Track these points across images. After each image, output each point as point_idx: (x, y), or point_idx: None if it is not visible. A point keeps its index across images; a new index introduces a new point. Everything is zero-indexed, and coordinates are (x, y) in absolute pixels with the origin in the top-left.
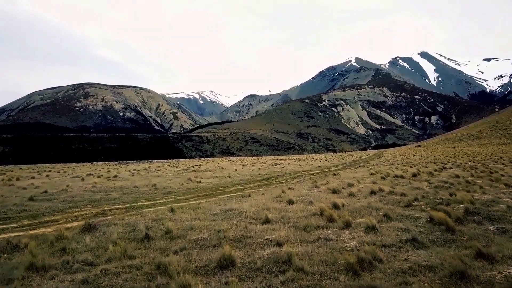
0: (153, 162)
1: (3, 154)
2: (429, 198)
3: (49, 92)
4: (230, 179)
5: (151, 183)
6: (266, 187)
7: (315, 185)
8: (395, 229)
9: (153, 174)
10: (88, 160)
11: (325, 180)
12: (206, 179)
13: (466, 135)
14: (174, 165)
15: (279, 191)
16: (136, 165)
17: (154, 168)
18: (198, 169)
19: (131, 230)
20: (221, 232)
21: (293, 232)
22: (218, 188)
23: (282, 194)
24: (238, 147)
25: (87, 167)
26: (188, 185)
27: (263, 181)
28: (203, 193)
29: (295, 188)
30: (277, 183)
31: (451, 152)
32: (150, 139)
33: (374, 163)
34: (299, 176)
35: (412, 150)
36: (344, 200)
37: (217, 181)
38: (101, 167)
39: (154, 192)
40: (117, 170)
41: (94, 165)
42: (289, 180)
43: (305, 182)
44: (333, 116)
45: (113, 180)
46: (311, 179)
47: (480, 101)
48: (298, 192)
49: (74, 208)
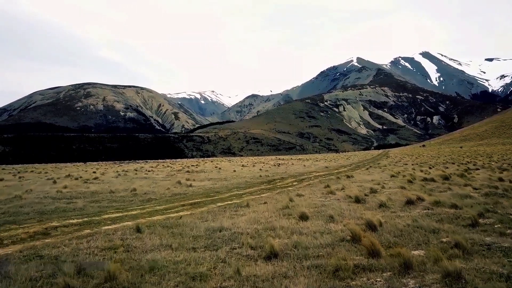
0: (149, 162)
1: (3, 154)
2: (497, 213)
3: (50, 92)
4: (226, 182)
5: (131, 187)
6: (269, 193)
7: (329, 190)
8: (489, 273)
9: (141, 175)
10: (89, 160)
11: (339, 184)
12: (198, 182)
13: (471, 134)
14: (170, 165)
15: (286, 198)
16: (130, 165)
17: (146, 169)
18: (193, 170)
19: (48, 275)
20: (197, 282)
21: (318, 283)
22: (211, 194)
23: (289, 203)
24: (239, 147)
25: (77, 167)
26: (175, 190)
27: (265, 184)
28: (191, 200)
29: (305, 195)
30: (281, 188)
31: (460, 152)
32: (151, 139)
33: (385, 163)
34: (306, 179)
35: (418, 150)
36: (377, 214)
37: (211, 184)
38: (91, 168)
39: (131, 199)
40: (105, 170)
41: (87, 165)
42: (295, 183)
43: (315, 186)
44: (335, 116)
45: (90, 183)
46: (322, 182)
47: (482, 101)
48: (310, 201)
49: (9, 225)
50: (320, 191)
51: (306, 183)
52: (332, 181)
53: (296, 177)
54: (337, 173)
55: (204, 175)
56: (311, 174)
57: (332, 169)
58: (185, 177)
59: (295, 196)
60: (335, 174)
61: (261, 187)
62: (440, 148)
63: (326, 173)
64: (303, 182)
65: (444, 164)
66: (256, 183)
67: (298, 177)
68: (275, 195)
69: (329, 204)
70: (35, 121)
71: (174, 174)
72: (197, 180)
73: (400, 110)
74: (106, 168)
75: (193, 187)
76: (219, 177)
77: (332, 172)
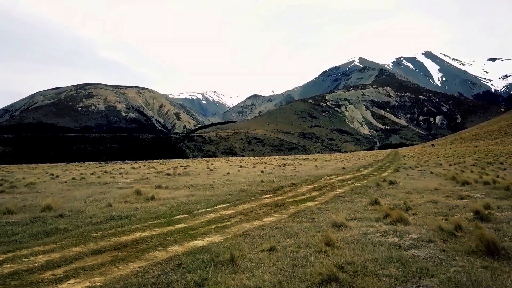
0: (138, 162)
1: (3, 155)
2: None
3: (52, 93)
4: (212, 191)
5: (53, 201)
6: (278, 215)
7: (382, 210)
8: None
9: (104, 180)
10: (90, 160)
11: (387, 195)
12: (170, 192)
13: (482, 133)
14: (154, 166)
15: (316, 235)
16: (112, 165)
17: (122, 171)
18: (175, 173)
19: None
20: None
21: None
22: (173, 217)
23: (327, 250)
24: (241, 147)
25: (31, 168)
26: (119, 207)
27: (270, 195)
28: (122, 237)
29: (350, 226)
30: (296, 203)
31: (479, 151)
32: (152, 139)
33: (411, 163)
34: (328, 186)
35: (431, 150)
36: None
37: (187, 195)
38: (56, 169)
39: (17, 231)
40: (63, 172)
41: (71, 165)
42: (314, 193)
43: (349, 198)
44: (337, 116)
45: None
46: (355, 191)
47: (485, 101)
48: (362, 241)
49: None
50: (369, 212)
51: (331, 193)
52: (370, 189)
53: (313, 183)
54: (364, 176)
55: (185, 179)
56: (331, 178)
57: (352, 171)
58: (157, 183)
59: (330, 229)
60: (363, 179)
61: (263, 201)
62: (452, 148)
63: (349, 176)
64: (325, 191)
65: (482, 165)
66: (256, 192)
67: (315, 183)
68: (289, 221)
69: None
70: (36, 121)
71: (147, 178)
72: (171, 188)
73: (402, 110)
74: (77, 169)
75: (155, 201)
76: (204, 183)
77: (356, 176)
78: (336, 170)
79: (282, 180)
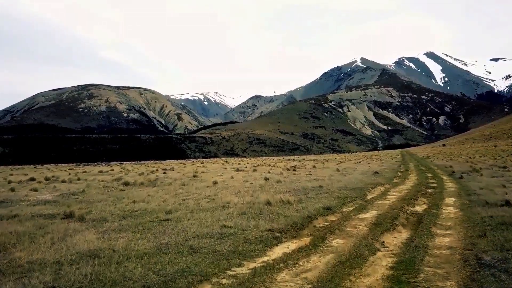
0: (123, 164)
1: (3, 155)
2: None
3: (53, 93)
4: (160, 229)
5: None
6: None
7: None
8: None
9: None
10: (90, 161)
11: None
12: None
13: (496, 133)
14: (128, 168)
15: None
16: (91, 167)
17: (68, 176)
18: (135, 182)
19: None
20: None
21: None
22: None
23: None
24: (243, 148)
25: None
26: None
27: (288, 244)
28: None
29: None
30: None
31: (506, 151)
32: (153, 140)
33: (456, 168)
34: (400, 215)
35: (445, 150)
36: None
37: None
38: (41, 171)
39: None
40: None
41: (44, 167)
42: (388, 238)
43: None
44: (339, 116)
45: None
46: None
47: (488, 101)
48: None
49: None
50: None
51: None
52: None
53: (365, 206)
54: (429, 187)
55: (138, 196)
56: (378, 190)
57: (394, 177)
58: None
59: None
60: (437, 196)
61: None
62: (467, 147)
63: (405, 188)
64: (415, 228)
65: None
66: (255, 238)
67: (367, 205)
68: None
69: None
70: (38, 122)
71: (72, 194)
72: (89, 220)
73: (405, 110)
74: (43, 172)
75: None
76: (153, 210)
77: (422, 190)
78: (369, 175)
79: (303, 197)
